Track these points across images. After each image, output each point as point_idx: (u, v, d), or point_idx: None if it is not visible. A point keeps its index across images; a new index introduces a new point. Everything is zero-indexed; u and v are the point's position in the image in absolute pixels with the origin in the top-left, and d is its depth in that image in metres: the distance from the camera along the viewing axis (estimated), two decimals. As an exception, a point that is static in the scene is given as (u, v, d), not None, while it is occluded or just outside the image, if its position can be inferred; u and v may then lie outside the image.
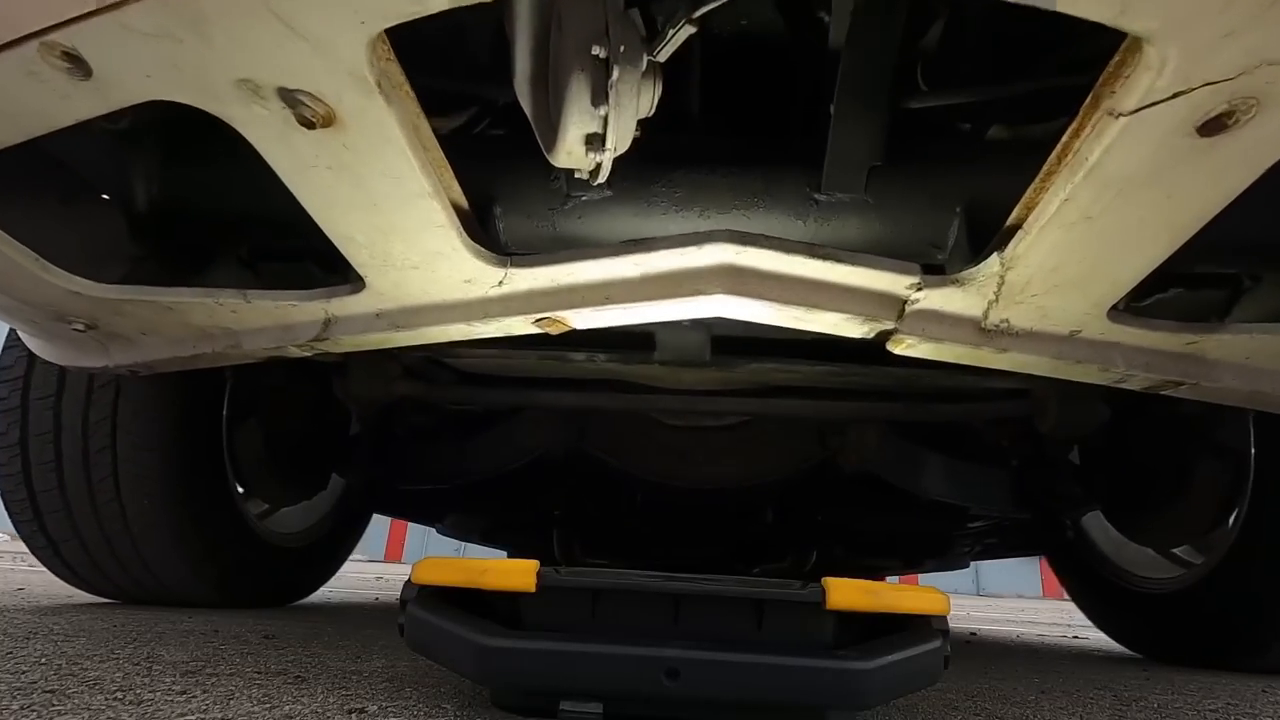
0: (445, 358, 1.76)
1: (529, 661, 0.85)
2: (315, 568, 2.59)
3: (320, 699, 0.96)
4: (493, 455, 2.13)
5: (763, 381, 1.71)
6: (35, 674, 0.98)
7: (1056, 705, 1.30)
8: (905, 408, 1.86)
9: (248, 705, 0.90)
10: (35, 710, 0.80)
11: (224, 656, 1.23)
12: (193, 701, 0.90)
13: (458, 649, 0.87)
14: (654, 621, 0.92)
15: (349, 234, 0.94)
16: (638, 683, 0.83)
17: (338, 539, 2.67)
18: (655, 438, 2.19)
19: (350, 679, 1.12)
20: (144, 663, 1.12)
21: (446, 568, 0.94)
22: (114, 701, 0.87)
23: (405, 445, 2.20)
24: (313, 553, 2.48)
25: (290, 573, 2.39)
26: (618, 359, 1.59)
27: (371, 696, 1.00)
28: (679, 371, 1.61)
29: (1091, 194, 0.80)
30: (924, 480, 2.10)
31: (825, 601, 0.90)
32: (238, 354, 1.19)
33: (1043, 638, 3.68)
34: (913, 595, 0.93)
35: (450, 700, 1.01)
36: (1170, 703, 1.42)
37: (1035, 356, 1.04)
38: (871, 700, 0.87)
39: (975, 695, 1.35)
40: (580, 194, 1.12)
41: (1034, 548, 3.04)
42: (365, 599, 3.45)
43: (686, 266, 0.97)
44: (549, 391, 1.88)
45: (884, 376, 1.62)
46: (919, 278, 0.95)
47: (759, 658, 0.84)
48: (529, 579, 0.90)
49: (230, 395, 1.99)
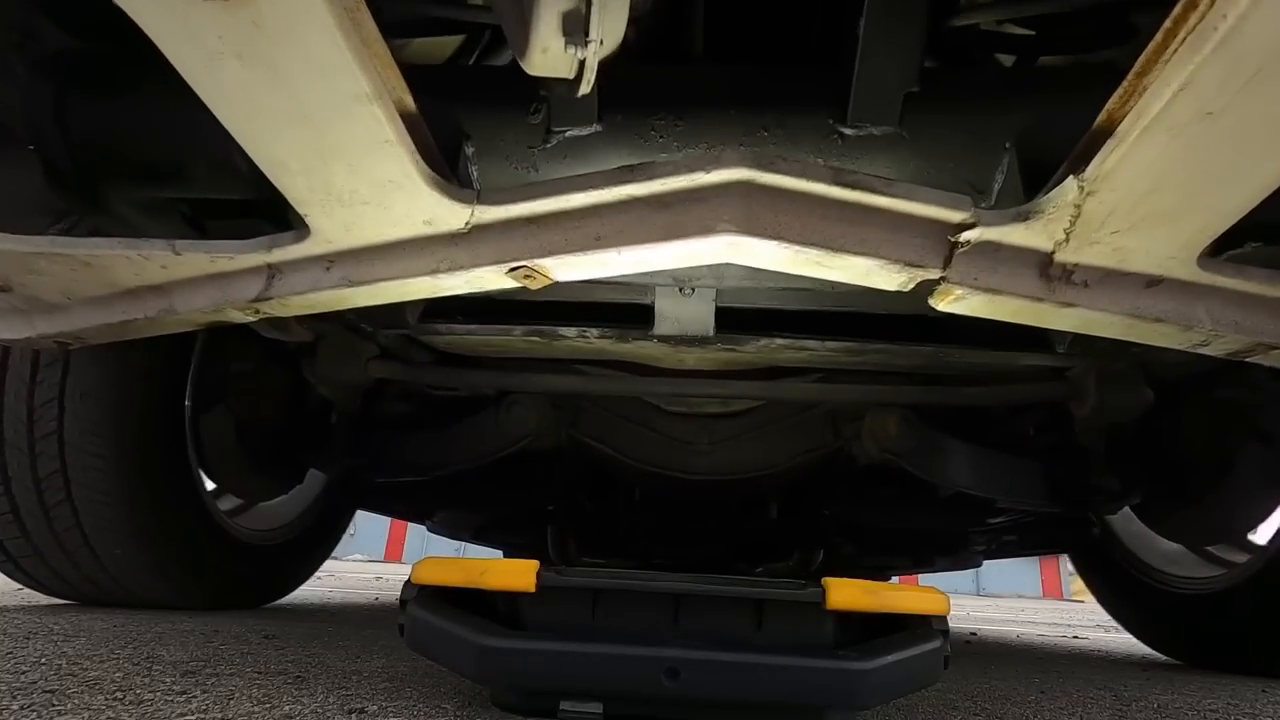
0: (423, 335, 1.59)
1: (529, 661, 0.85)
2: (292, 567, 2.44)
3: (320, 699, 0.96)
4: (476, 444, 1.96)
5: (772, 362, 1.58)
6: (35, 674, 0.98)
7: (1056, 705, 1.30)
8: (929, 391, 1.71)
9: (248, 705, 0.90)
10: (35, 710, 0.80)
11: (224, 656, 1.23)
12: (193, 701, 0.90)
13: (458, 649, 0.87)
14: (654, 622, 0.92)
15: (279, 157, 0.79)
16: (638, 683, 0.83)
17: (317, 536, 2.51)
18: (654, 426, 2.04)
19: (350, 679, 1.12)
20: (144, 663, 1.12)
21: (446, 568, 0.94)
22: (114, 701, 0.87)
23: (384, 434, 2.01)
24: (289, 551, 2.33)
25: (265, 572, 2.23)
26: (612, 335, 1.43)
27: (371, 696, 1.00)
28: (680, 350, 1.48)
29: (1219, 78, 0.60)
30: (948, 470, 1.89)
31: (825, 601, 0.90)
32: (174, 320, 1.05)
33: (1043, 638, 3.67)
34: (913, 595, 0.93)
35: (450, 700, 1.01)
36: (1170, 703, 1.42)
37: (1106, 313, 0.86)
38: (871, 700, 0.87)
39: (975, 695, 1.35)
40: (564, 129, 0.98)
41: (1055, 545, 2.85)
42: (365, 599, 3.45)
43: (694, 185, 0.81)
44: (537, 374, 1.74)
45: (906, 355, 1.47)
46: (972, 212, 0.79)
47: (759, 658, 0.84)
48: (529, 579, 0.90)
49: (195, 380, 1.83)
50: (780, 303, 1.34)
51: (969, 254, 0.82)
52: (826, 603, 0.90)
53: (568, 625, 0.91)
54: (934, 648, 0.89)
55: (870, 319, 1.42)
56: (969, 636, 3.29)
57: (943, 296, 0.87)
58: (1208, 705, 1.41)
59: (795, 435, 2.04)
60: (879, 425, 1.83)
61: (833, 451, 2.05)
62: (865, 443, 1.89)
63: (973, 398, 1.71)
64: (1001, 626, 4.55)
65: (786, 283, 1.26)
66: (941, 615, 0.93)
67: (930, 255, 0.82)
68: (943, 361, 1.51)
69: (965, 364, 1.56)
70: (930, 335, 1.30)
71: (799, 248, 0.82)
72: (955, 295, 0.86)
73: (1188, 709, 1.36)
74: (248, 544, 2.08)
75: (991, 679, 1.63)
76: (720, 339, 1.40)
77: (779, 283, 1.26)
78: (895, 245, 0.82)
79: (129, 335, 1.11)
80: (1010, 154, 0.95)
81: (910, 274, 0.84)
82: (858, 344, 1.42)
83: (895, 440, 1.82)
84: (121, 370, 1.63)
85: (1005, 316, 0.89)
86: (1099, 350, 1.40)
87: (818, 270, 0.86)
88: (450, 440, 1.98)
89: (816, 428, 2.03)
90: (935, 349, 1.43)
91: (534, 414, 1.90)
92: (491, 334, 1.49)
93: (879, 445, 1.84)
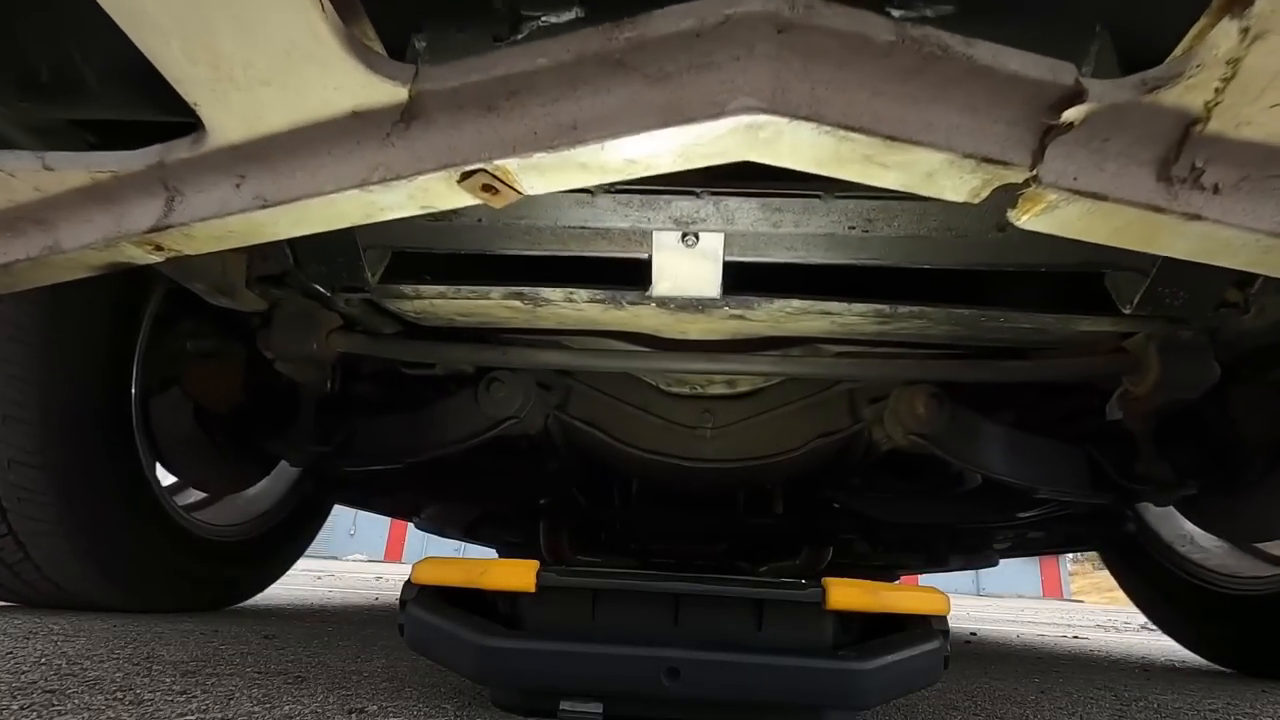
0: (388, 301, 1.43)
1: (529, 661, 0.85)
2: (260, 565, 2.24)
3: (320, 699, 0.96)
4: (454, 427, 1.76)
5: (785, 332, 1.41)
6: (35, 674, 0.98)
7: (1056, 705, 1.30)
8: (968, 367, 1.50)
9: (248, 705, 0.90)
10: (35, 710, 0.80)
11: (224, 656, 1.23)
12: (193, 701, 0.90)
13: (457, 649, 0.87)
14: (654, 622, 0.92)
15: (151, 16, 0.62)
16: (638, 683, 0.83)
17: (288, 533, 2.30)
18: (653, 409, 1.84)
19: (350, 679, 1.12)
20: (144, 663, 1.12)
21: (446, 568, 0.94)
22: (114, 701, 0.87)
23: (354, 419, 1.83)
24: (257, 548, 2.15)
25: (229, 572, 2.04)
26: (603, 299, 1.28)
27: (371, 696, 1.00)
28: (680, 319, 1.33)
29: None
30: (983, 455, 1.67)
31: (825, 602, 0.90)
32: (63, 262, 0.88)
33: (1043, 638, 3.67)
34: (913, 595, 0.93)
35: (450, 700, 1.01)
36: (1170, 703, 1.42)
37: (1240, 230, 0.66)
38: (871, 700, 0.87)
39: (975, 695, 1.35)
40: (537, 13, 0.83)
41: (1084, 542, 2.63)
42: (365, 599, 3.45)
43: (705, 28, 0.60)
44: (520, 349, 1.55)
45: (944, 321, 1.30)
46: (1076, 80, 0.60)
47: (759, 658, 0.84)
48: (529, 579, 0.90)
49: (143, 359, 1.64)
50: (799, 253, 1.18)
51: (1067, 145, 0.64)
52: (826, 603, 0.90)
53: (568, 625, 0.91)
54: (934, 648, 0.89)
55: (903, 278, 1.25)
56: (969, 636, 3.29)
57: (1027, 207, 0.67)
58: (1208, 705, 1.41)
59: (809, 418, 1.83)
60: (906, 405, 1.63)
61: (850, 437, 1.82)
62: (888, 425, 1.70)
63: (1016, 373, 1.49)
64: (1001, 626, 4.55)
65: (808, 224, 1.12)
66: (941, 615, 0.93)
67: (1015, 147, 0.64)
68: (984, 329, 1.34)
69: (1009, 332, 1.37)
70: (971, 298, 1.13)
71: (843, 134, 0.62)
72: (1044, 204, 0.66)
73: (1188, 709, 1.36)
74: (209, 541, 1.93)
75: (991, 679, 1.63)
76: (728, 302, 1.25)
77: (800, 225, 1.12)
78: (971, 133, 0.63)
79: (15, 285, 0.92)
80: (1103, 38, 0.78)
81: (986, 176, 0.65)
82: (888, 306, 1.26)
83: (924, 421, 1.61)
84: (48, 344, 1.45)
85: (1103, 237, 0.70)
86: (1169, 311, 1.22)
87: (865, 171, 0.66)
88: (425, 423, 1.79)
89: (833, 410, 1.82)
90: (978, 312, 1.27)
91: (518, 394, 1.71)
92: (465, 297, 1.32)
93: (905, 428, 1.64)
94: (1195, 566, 2.17)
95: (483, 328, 1.53)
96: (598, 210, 1.13)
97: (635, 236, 1.17)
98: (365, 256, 1.27)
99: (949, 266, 1.20)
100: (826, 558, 2.84)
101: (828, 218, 1.12)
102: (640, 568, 2.58)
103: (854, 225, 1.12)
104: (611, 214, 1.13)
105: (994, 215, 1.09)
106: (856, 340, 1.45)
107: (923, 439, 1.63)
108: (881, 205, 1.11)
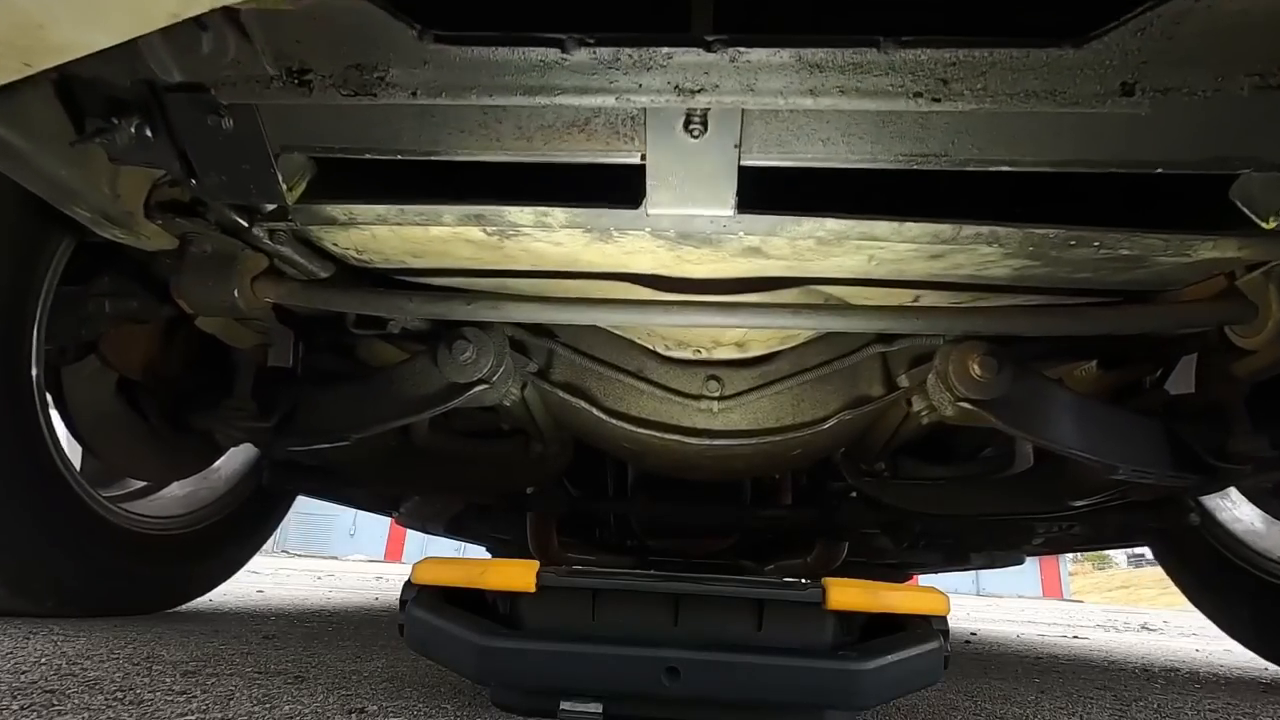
0: (318, 230, 1.18)
1: (529, 661, 0.85)
2: (208, 562, 1.95)
3: (320, 699, 0.96)
4: (409, 395, 1.46)
5: (812, 273, 1.17)
6: (35, 674, 0.98)
7: (1056, 705, 1.30)
8: (1045, 316, 1.22)
9: (248, 705, 0.90)
10: (35, 710, 0.80)
11: (224, 656, 1.23)
12: (193, 701, 0.90)
13: (458, 649, 0.87)
14: (654, 622, 0.92)
15: None
16: (638, 683, 0.83)
17: (241, 526, 2.02)
18: (649, 375, 1.55)
19: (350, 679, 1.12)
20: (144, 663, 1.12)
21: (446, 568, 0.94)
22: (114, 701, 0.87)
23: (298, 389, 1.56)
24: (204, 544, 1.87)
25: (170, 570, 1.79)
26: (585, 225, 1.06)
27: (371, 696, 1.00)
28: (682, 255, 1.10)
29: None
30: (1054, 428, 1.37)
31: (825, 602, 0.90)
32: None
33: (1043, 638, 3.68)
34: (913, 596, 0.94)
35: (450, 700, 1.01)
36: (1170, 703, 1.42)
37: None
38: (870, 700, 0.87)
39: (975, 695, 1.35)
40: None
41: (1137, 534, 2.29)
42: (365, 599, 3.45)
43: None
44: (486, 300, 1.29)
45: (1018, 250, 1.04)
46: None
47: (758, 658, 0.84)
48: (529, 579, 0.90)
49: (48, 321, 1.35)
50: (837, 150, 0.93)
51: None
52: (826, 603, 0.90)
53: (568, 625, 0.91)
54: (934, 648, 0.89)
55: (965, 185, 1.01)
56: (969, 636, 3.29)
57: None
58: (1207, 705, 1.41)
59: (834, 387, 1.53)
60: (959, 364, 1.32)
61: (883, 409, 1.53)
62: (933, 393, 1.39)
63: (1101, 323, 1.21)
64: (1001, 626, 4.55)
65: (859, 90, 0.87)
66: (941, 615, 0.93)
67: None
68: (1066, 262, 1.08)
69: (1091, 267, 1.11)
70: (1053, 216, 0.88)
71: None
72: None
73: (1188, 709, 1.36)
74: (144, 536, 1.67)
75: (991, 679, 1.63)
76: (743, 226, 1.02)
77: (847, 92, 0.87)
78: None
79: None
80: None
81: None
82: (951, 227, 1.00)
83: (981, 384, 1.31)
84: None
85: None
86: None
87: None
88: (378, 393, 1.49)
89: (863, 376, 1.52)
90: (1066, 233, 1.01)
91: (486, 354, 1.41)
92: (414, 223, 1.10)
93: (955, 394, 1.33)
94: (1264, 559, 1.94)
95: (444, 272, 1.27)
96: (574, 73, 0.89)
97: (624, 126, 0.94)
98: (279, 165, 1.03)
99: (1039, 165, 0.94)
100: (841, 555, 2.55)
101: (888, 78, 0.86)
102: (637, 567, 2.54)
103: (923, 90, 0.87)
104: (593, 78, 0.88)
105: (1120, 70, 0.84)
106: (899, 284, 1.19)
107: (978, 407, 1.32)
108: (966, 56, 0.85)
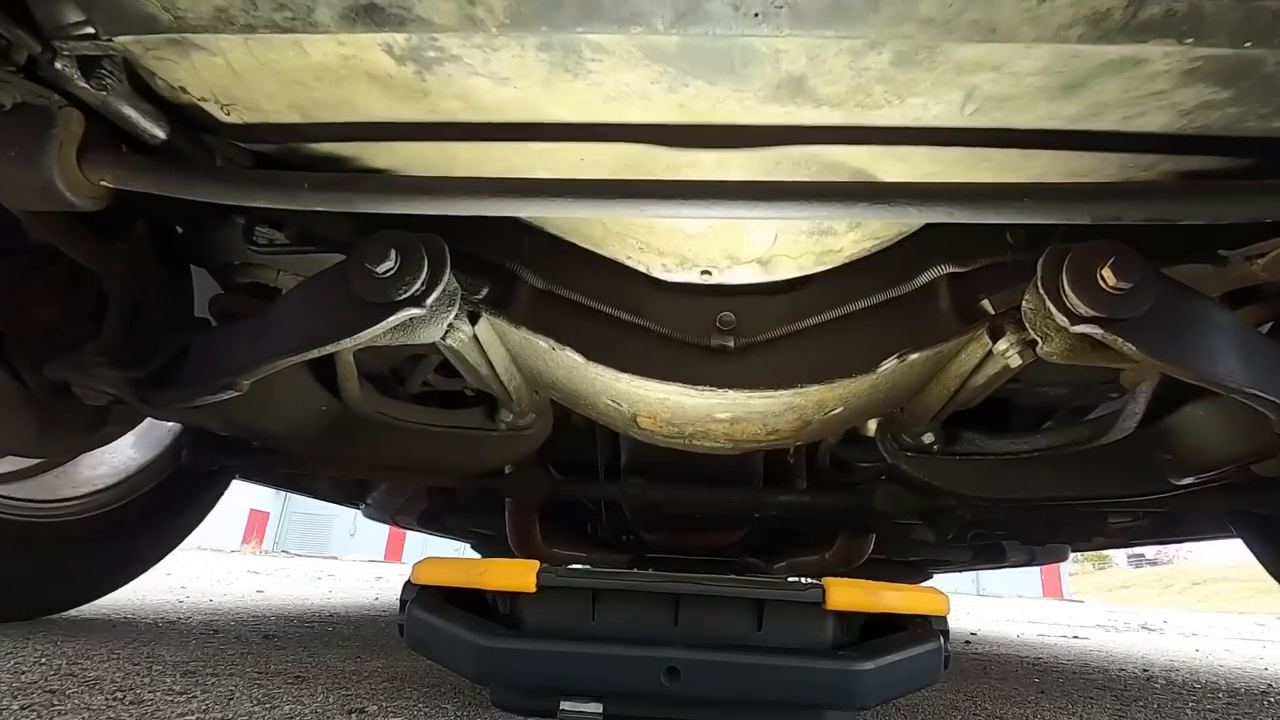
0: (146, 51, 0.78)
1: (529, 661, 0.85)
2: (115, 554, 1.61)
3: (320, 699, 0.96)
4: (310, 325, 1.01)
5: (878, 124, 0.81)
6: (35, 674, 0.98)
7: (1056, 705, 1.30)
8: (1212, 193, 0.81)
9: (248, 705, 0.90)
10: (35, 710, 0.80)
11: (224, 656, 1.23)
12: (193, 701, 0.90)
13: (457, 649, 0.87)
14: (654, 622, 0.92)
15: None
16: (638, 683, 0.83)
17: (157, 512, 1.67)
18: (644, 307, 1.16)
19: (350, 679, 1.12)
20: (144, 663, 1.12)
21: (446, 568, 0.94)
22: (114, 701, 0.87)
23: (189, 334, 1.21)
24: (108, 532, 1.55)
25: (62, 565, 1.48)
26: (534, 16, 0.68)
27: (371, 696, 1.00)
28: (685, 95, 0.76)
29: None
30: (1215, 360, 0.91)
31: (825, 602, 0.90)
32: None
33: (1043, 638, 3.68)
34: (912, 596, 0.94)
35: (450, 700, 1.01)
36: (1170, 703, 1.42)
37: None
38: (870, 700, 0.87)
39: (975, 695, 1.35)
40: None
41: (1230, 522, 1.93)
42: (365, 599, 3.45)
43: None
44: (412, 184, 0.86)
45: (1218, 64, 0.69)
46: None
47: (758, 658, 0.85)
48: (529, 579, 0.90)
49: None
50: None
51: None
52: (826, 603, 0.90)
53: (568, 625, 0.91)
54: (933, 648, 0.90)
55: None
56: (969, 636, 3.29)
57: None
58: (1207, 705, 1.41)
59: (887, 323, 1.14)
60: (1081, 269, 0.88)
61: (953, 351, 1.10)
62: (1035, 316, 0.95)
63: None
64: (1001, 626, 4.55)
65: None
66: (941, 615, 0.93)
67: None
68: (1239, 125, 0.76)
69: None
70: None
71: None
72: None
73: (1188, 709, 1.36)
74: (20, 524, 1.38)
75: (991, 679, 1.63)
76: (780, 81, 0.72)
77: None
78: None
79: None
80: None
81: None
82: (1095, 47, 0.67)
83: (1113, 298, 0.87)
84: None
85: None
86: None
87: None
88: (274, 328, 1.06)
89: (925, 307, 1.13)
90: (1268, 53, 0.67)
91: (413, 262, 0.94)
92: (271, 24, 0.71)
93: (1074, 313, 0.89)
94: None
95: (354, 138, 0.90)
96: None
97: None
98: None
99: None
100: (866, 551, 2.13)
101: None
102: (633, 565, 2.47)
103: None
104: None
105: None
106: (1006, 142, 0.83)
107: (1110, 330, 0.88)
108: None
